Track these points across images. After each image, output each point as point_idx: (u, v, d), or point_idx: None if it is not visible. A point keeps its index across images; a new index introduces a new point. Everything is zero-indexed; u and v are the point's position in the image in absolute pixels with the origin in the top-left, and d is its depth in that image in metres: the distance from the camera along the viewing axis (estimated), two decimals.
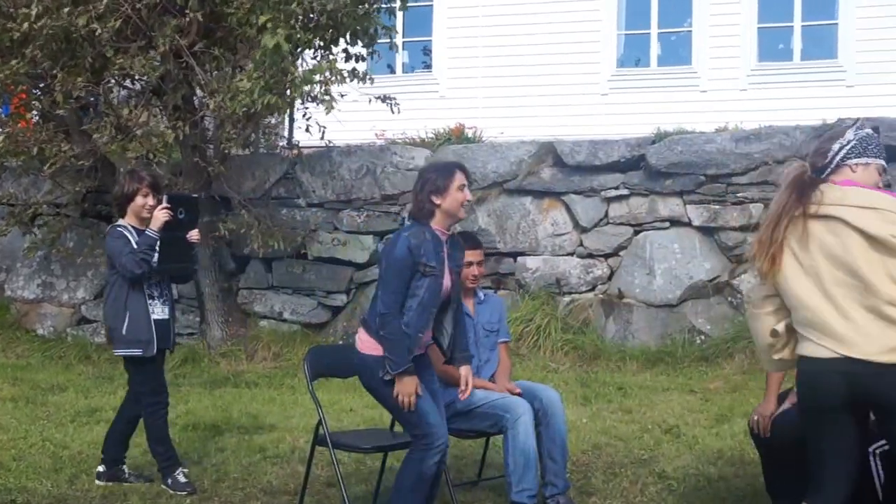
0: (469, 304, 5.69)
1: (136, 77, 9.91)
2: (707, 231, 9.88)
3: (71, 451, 6.93)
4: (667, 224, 9.98)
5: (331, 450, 5.28)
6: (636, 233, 10.10)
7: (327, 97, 9.04)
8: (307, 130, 10.01)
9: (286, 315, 10.91)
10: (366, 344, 4.86)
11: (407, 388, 4.69)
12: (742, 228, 9.71)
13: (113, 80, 9.76)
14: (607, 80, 12.75)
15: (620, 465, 6.50)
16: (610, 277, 10.19)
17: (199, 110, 9.38)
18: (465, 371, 5.05)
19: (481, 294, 5.81)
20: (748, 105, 11.50)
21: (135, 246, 5.93)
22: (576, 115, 11.96)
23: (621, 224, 10.13)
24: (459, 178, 4.84)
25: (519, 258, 10.41)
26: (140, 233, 5.99)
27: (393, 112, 10.00)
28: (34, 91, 10.01)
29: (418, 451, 4.77)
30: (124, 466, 6.28)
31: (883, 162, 4.02)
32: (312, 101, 9.54)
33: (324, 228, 10.86)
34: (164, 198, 5.98)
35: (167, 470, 6.12)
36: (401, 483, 4.81)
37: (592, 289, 10.22)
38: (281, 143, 11.74)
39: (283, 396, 8.74)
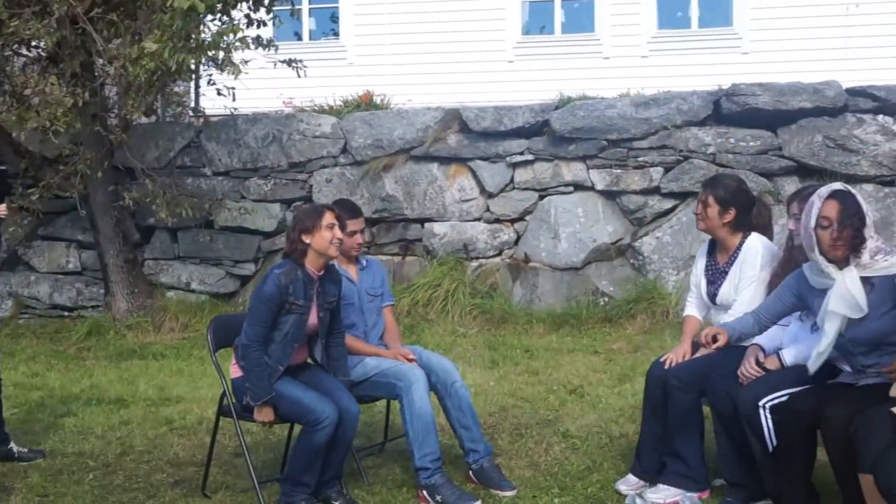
0: (352, 271, 5.76)
1: (32, 44, 9.67)
2: (609, 195, 10.02)
3: None
4: (571, 188, 10.09)
5: (235, 420, 5.26)
6: (541, 197, 10.20)
7: (232, 64, 8.93)
8: (218, 93, 9.84)
9: (194, 285, 10.82)
10: (234, 369, 5.19)
11: (264, 417, 5.03)
12: (643, 192, 9.87)
13: (7, 48, 9.48)
14: (513, 48, 12.82)
15: (526, 426, 6.60)
16: (516, 242, 10.29)
17: (98, 77, 9.17)
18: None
19: (363, 260, 5.87)
20: (649, 72, 11.69)
21: None
22: (483, 82, 12.02)
23: (527, 189, 10.22)
24: (328, 218, 5.12)
25: (426, 224, 10.45)
26: None
27: (299, 76, 9.90)
28: None
29: (307, 428, 4.95)
30: (12, 444, 6.18)
31: None
32: (217, 68, 9.42)
33: (230, 197, 10.76)
34: None
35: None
36: (296, 456, 5.02)
37: (499, 253, 10.31)
38: (187, 112, 11.57)
39: (191, 367, 8.69)
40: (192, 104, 11.79)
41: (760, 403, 4.56)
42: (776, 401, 4.54)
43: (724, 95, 9.74)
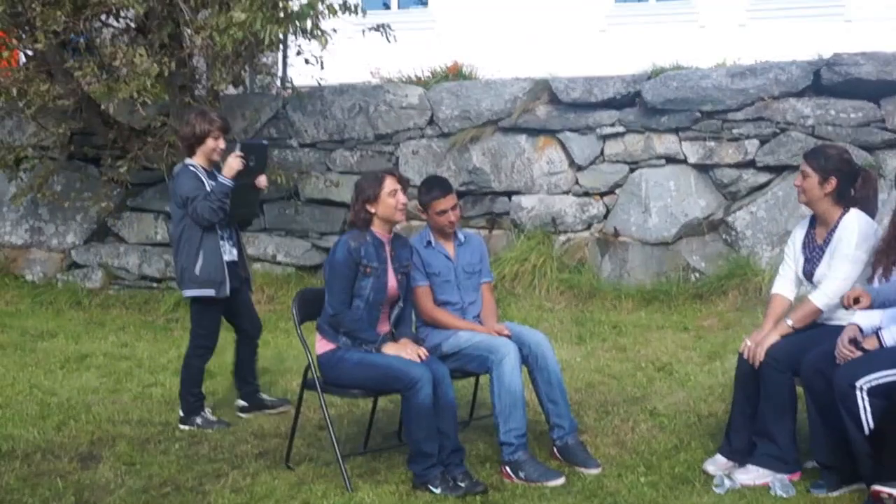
0: (449, 248, 5.69)
1: (121, 15, 9.74)
2: (702, 168, 9.74)
3: (59, 398, 6.93)
4: (662, 161, 9.83)
5: (320, 394, 5.28)
6: (632, 170, 9.96)
7: (319, 31, 8.90)
8: (306, 62, 9.81)
9: (279, 258, 10.83)
10: (319, 345, 5.24)
11: (398, 351, 5.06)
12: (737, 165, 9.58)
13: (95, 17, 9.56)
14: (605, 16, 12.53)
15: (613, 403, 6.52)
16: (606, 216, 10.08)
17: (185, 48, 9.19)
18: (404, 340, 5.25)
19: (461, 235, 5.76)
20: (747, 41, 11.28)
21: (208, 190, 6.03)
22: (574, 52, 11.70)
23: (617, 162, 9.99)
24: (390, 184, 5.16)
25: (514, 197, 10.29)
26: (209, 174, 6.11)
27: (389, 41, 9.80)
28: (14, 29, 9.79)
29: (406, 394, 4.96)
30: (261, 394, 6.48)
31: None
32: (305, 36, 9.40)
33: (316, 169, 10.74)
34: (238, 146, 6.10)
35: (195, 411, 6.27)
36: (409, 427, 5.07)
37: (588, 227, 10.13)
38: (274, 83, 11.58)
39: (276, 339, 8.70)
40: (280, 75, 11.77)
41: (857, 384, 4.41)
42: (873, 382, 4.37)
43: (824, 65, 9.38)
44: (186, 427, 6.21)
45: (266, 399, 6.57)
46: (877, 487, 3.96)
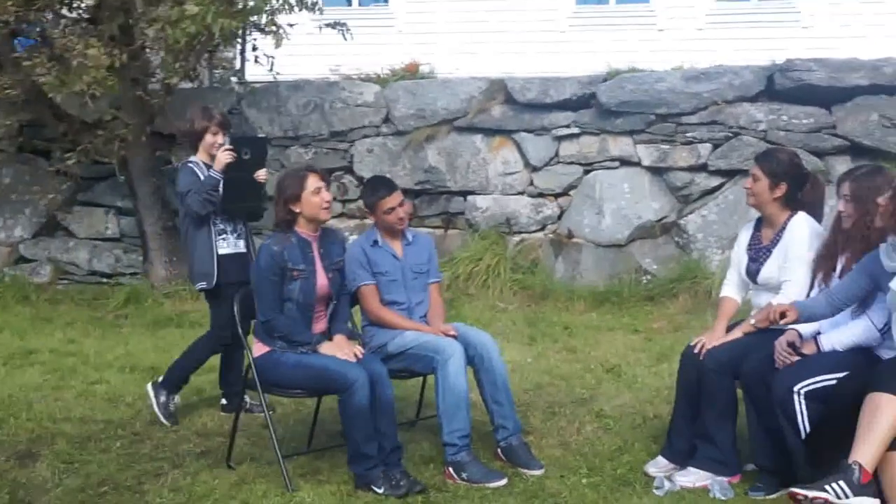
0: (397, 247, 5.64)
1: (73, 5, 9.62)
2: (656, 171, 9.81)
3: (0, 395, 6.80)
4: (616, 163, 9.89)
5: (260, 393, 5.23)
6: (586, 172, 10.00)
7: (274, 27, 8.85)
8: (256, 61, 9.77)
9: None
10: (255, 347, 5.18)
11: (333, 351, 5.02)
12: (690, 169, 9.64)
13: (47, 8, 9.43)
14: (566, 18, 12.53)
15: (560, 404, 6.51)
16: (560, 217, 10.11)
17: (138, 41, 9.09)
18: (338, 338, 5.21)
19: (409, 235, 5.72)
20: (705, 45, 11.32)
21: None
22: (535, 53, 11.74)
23: (571, 163, 10.03)
24: (313, 182, 5.09)
25: (469, 197, 10.30)
26: (210, 170, 6.09)
27: (345, 38, 9.78)
28: None
29: (342, 396, 4.91)
30: (245, 396, 6.24)
31: None
32: (260, 32, 9.33)
33: (271, 166, 10.63)
34: (227, 139, 6.11)
35: (169, 391, 6.21)
36: (346, 429, 4.97)
37: (542, 228, 10.15)
38: (231, 78, 11.49)
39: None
40: (238, 69, 11.68)
41: (795, 389, 4.43)
42: (811, 387, 4.40)
43: (777, 70, 9.46)
44: (152, 393, 6.18)
45: (248, 402, 6.44)
46: (793, 489, 3.98)
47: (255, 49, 9.76)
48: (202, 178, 6.08)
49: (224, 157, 5.96)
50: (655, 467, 5.16)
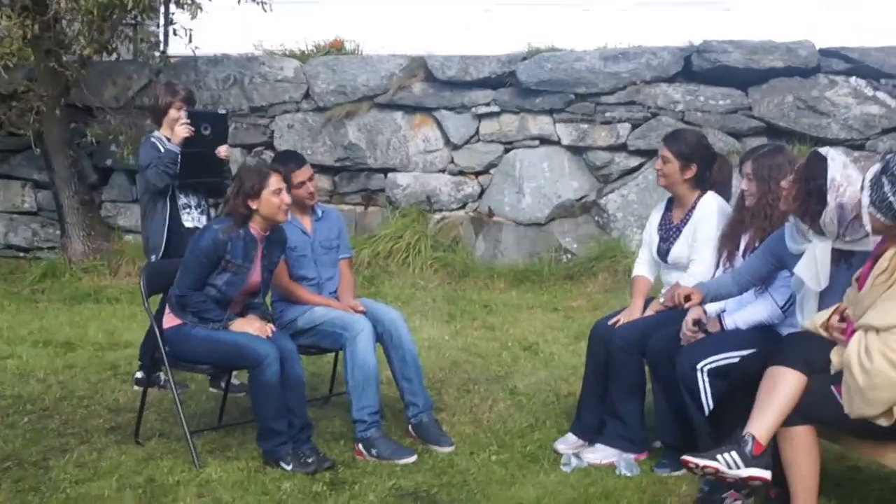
0: (306, 222, 5.62)
1: None
2: (576, 150, 9.85)
3: None
4: (536, 142, 9.91)
5: (167, 369, 5.19)
6: (507, 151, 10.02)
7: (189, 0, 8.73)
8: (174, 34, 9.64)
9: None
10: (166, 319, 5.13)
11: (244, 327, 4.98)
12: (609, 148, 9.72)
13: None
14: None
15: (475, 381, 6.53)
16: (480, 195, 10.13)
17: (50, 11, 8.90)
18: (251, 316, 5.15)
19: (319, 210, 5.70)
20: (630, 26, 11.37)
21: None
22: (459, 31, 11.64)
23: (492, 142, 10.04)
24: (275, 182, 4.97)
25: (390, 174, 10.26)
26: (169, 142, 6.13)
27: (265, 10, 9.69)
28: None
29: (252, 372, 4.89)
30: (160, 372, 6.17)
31: None
32: (177, 5, 9.18)
33: None
34: (184, 113, 6.10)
35: (148, 373, 6.13)
36: (256, 405, 4.95)
37: (463, 206, 10.16)
38: (154, 52, 11.29)
39: (144, 313, 8.42)
40: (162, 41, 11.50)
41: (698, 366, 4.50)
42: (714, 364, 4.47)
43: (694, 52, 9.56)
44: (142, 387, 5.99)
45: (163, 378, 6.30)
46: (686, 457, 4.04)
47: (172, 22, 9.62)
48: (163, 152, 6.12)
49: (181, 130, 6.01)
50: (564, 444, 5.21)
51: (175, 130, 6.07)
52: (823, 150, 4.29)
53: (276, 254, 5.22)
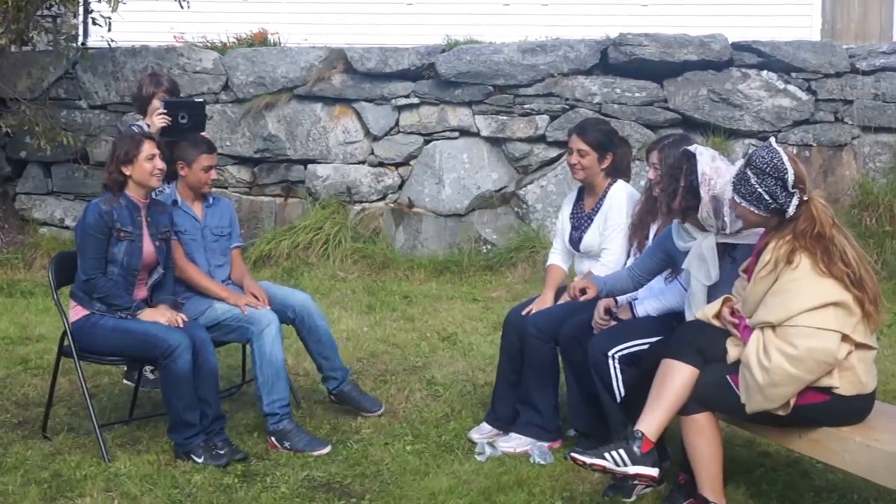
0: (197, 209, 5.56)
1: None
2: (495, 142, 9.91)
3: None
4: (456, 134, 9.96)
5: (75, 361, 5.10)
6: (426, 142, 10.04)
7: None
8: (94, 23, 9.49)
9: (68, 222, 10.44)
10: (73, 312, 5.10)
11: (154, 317, 4.94)
12: (528, 140, 9.78)
13: None
14: None
15: (392, 372, 6.54)
16: (400, 187, 10.14)
17: None
18: (161, 306, 5.11)
19: (210, 198, 5.65)
20: (549, 20, 11.43)
21: None
22: (380, 24, 11.65)
23: (412, 133, 10.05)
24: (148, 148, 5.04)
25: (309, 166, 10.21)
26: None
27: (182, 7, 9.56)
28: None
29: (164, 362, 4.84)
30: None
31: None
32: None
33: (107, 132, 10.37)
34: (162, 103, 6.01)
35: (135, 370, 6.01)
36: (167, 396, 4.92)
37: (383, 198, 10.16)
38: (72, 44, 11.10)
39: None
40: (81, 34, 11.30)
41: (609, 353, 4.54)
42: (624, 351, 4.52)
43: (611, 45, 9.67)
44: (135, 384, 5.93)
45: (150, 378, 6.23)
46: (574, 454, 4.05)
47: (90, 12, 9.46)
48: None
49: (158, 120, 5.94)
50: (479, 433, 5.24)
51: (152, 120, 6.01)
52: (692, 148, 4.33)
53: (163, 222, 5.22)
